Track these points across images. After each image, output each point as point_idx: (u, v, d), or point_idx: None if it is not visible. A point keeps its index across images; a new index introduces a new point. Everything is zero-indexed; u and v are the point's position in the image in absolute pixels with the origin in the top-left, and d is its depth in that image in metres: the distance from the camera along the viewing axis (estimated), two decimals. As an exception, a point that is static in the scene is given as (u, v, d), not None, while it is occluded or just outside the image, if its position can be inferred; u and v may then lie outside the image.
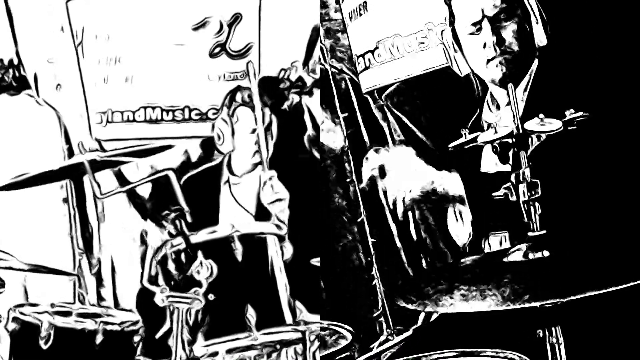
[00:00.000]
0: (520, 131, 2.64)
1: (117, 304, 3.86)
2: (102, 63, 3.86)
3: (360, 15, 3.84)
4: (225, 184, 3.76)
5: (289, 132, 3.82)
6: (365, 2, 3.81)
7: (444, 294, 2.50)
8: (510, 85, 2.67)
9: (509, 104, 3.12)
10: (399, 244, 3.84)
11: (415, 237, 3.84)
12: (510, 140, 2.68)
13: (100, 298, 3.84)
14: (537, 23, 3.21)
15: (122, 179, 3.67)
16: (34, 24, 3.85)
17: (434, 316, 3.29)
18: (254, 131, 3.72)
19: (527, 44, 3.23)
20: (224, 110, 3.76)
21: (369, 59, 3.84)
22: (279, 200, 3.57)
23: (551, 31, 3.25)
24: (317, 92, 3.80)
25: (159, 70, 3.85)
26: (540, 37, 3.23)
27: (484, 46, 3.22)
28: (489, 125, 3.23)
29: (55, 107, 3.86)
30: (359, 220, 3.87)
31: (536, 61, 3.24)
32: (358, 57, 3.88)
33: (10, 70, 3.83)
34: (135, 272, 3.83)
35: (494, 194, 3.14)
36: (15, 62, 3.85)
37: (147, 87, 3.86)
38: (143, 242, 3.82)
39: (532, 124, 2.69)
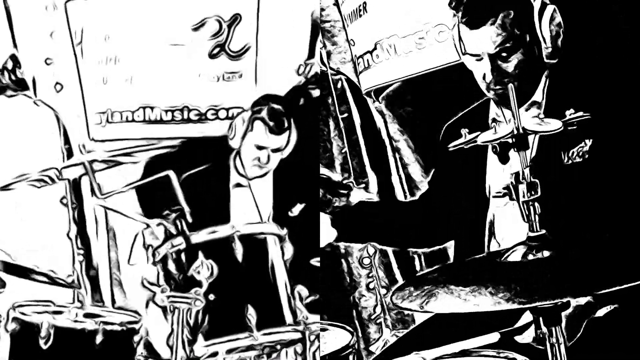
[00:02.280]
0: (520, 131, 2.63)
1: (114, 306, 3.86)
2: (101, 63, 3.86)
3: (360, 16, 3.85)
4: (235, 188, 3.75)
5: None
6: (365, 3, 3.82)
7: (443, 293, 2.50)
8: (510, 85, 2.66)
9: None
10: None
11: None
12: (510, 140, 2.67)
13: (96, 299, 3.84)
14: (547, 48, 3.14)
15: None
16: (33, 24, 3.85)
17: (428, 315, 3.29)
18: (260, 148, 3.70)
19: (532, 71, 3.17)
20: (248, 112, 3.75)
21: (368, 60, 3.85)
22: None
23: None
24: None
25: (158, 71, 3.85)
26: (549, 56, 3.16)
27: (484, 77, 3.17)
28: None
29: (54, 108, 3.85)
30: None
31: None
32: (358, 57, 3.89)
33: (8, 71, 3.83)
34: (134, 274, 3.83)
35: (493, 193, 3.15)
36: (14, 62, 3.85)
37: (146, 88, 3.86)
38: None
39: (532, 124, 2.69)
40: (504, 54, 3.11)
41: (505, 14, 3.11)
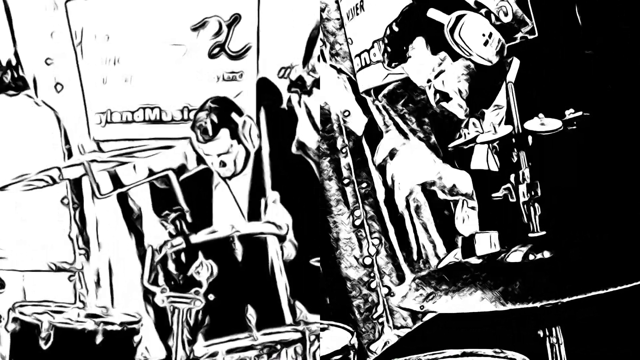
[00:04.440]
0: (520, 131, 2.64)
1: (114, 305, 3.86)
2: (101, 63, 3.86)
3: (358, 14, 3.85)
4: (217, 187, 3.76)
5: (285, 131, 3.82)
6: (362, 1, 3.82)
7: (445, 294, 2.50)
8: (510, 86, 2.67)
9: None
10: (396, 245, 3.84)
11: (413, 237, 3.85)
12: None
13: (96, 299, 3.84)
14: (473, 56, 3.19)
15: (117, 181, 3.67)
16: (33, 24, 3.85)
17: (429, 316, 3.30)
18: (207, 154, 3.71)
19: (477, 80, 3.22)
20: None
21: (365, 58, 3.85)
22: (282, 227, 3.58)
23: (546, 28, 3.24)
24: (316, 91, 3.81)
25: (158, 71, 3.85)
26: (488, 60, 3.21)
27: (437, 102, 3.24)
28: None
29: (55, 108, 3.86)
30: (358, 222, 3.88)
31: (516, 61, 3.23)
32: (355, 56, 3.89)
33: (9, 71, 3.83)
34: (133, 273, 3.83)
35: (493, 195, 3.15)
36: (14, 62, 3.85)
37: (146, 88, 3.86)
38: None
39: (532, 124, 2.69)
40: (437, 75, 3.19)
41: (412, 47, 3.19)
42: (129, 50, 3.85)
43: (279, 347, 2.97)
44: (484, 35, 3.15)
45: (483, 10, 3.20)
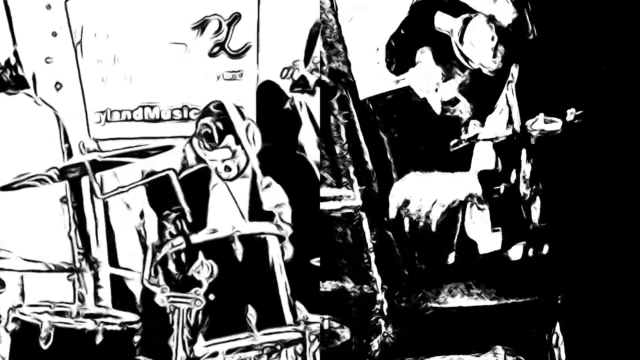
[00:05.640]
0: (519, 130, 2.65)
1: (115, 305, 3.86)
2: (101, 62, 3.86)
3: (351, 19, 3.85)
4: (214, 188, 3.76)
5: (286, 131, 3.82)
6: (360, 6, 3.82)
7: (443, 290, 2.51)
8: (510, 86, 2.68)
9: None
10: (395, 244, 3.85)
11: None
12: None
13: (97, 298, 3.84)
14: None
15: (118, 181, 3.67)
16: (33, 23, 3.85)
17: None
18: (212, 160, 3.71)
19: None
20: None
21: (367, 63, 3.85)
22: (281, 205, 3.57)
23: (547, 30, 3.24)
24: (319, 91, 3.80)
25: (158, 70, 3.85)
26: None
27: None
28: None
29: (54, 107, 3.86)
30: (356, 221, 3.88)
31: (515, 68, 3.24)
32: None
33: (8, 70, 3.83)
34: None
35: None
36: (14, 61, 3.85)
37: (146, 87, 3.86)
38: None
39: (532, 124, 2.70)
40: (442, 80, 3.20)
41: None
42: (129, 49, 3.85)
43: (279, 347, 2.98)
44: (492, 39, 3.16)
45: (485, 14, 3.20)
